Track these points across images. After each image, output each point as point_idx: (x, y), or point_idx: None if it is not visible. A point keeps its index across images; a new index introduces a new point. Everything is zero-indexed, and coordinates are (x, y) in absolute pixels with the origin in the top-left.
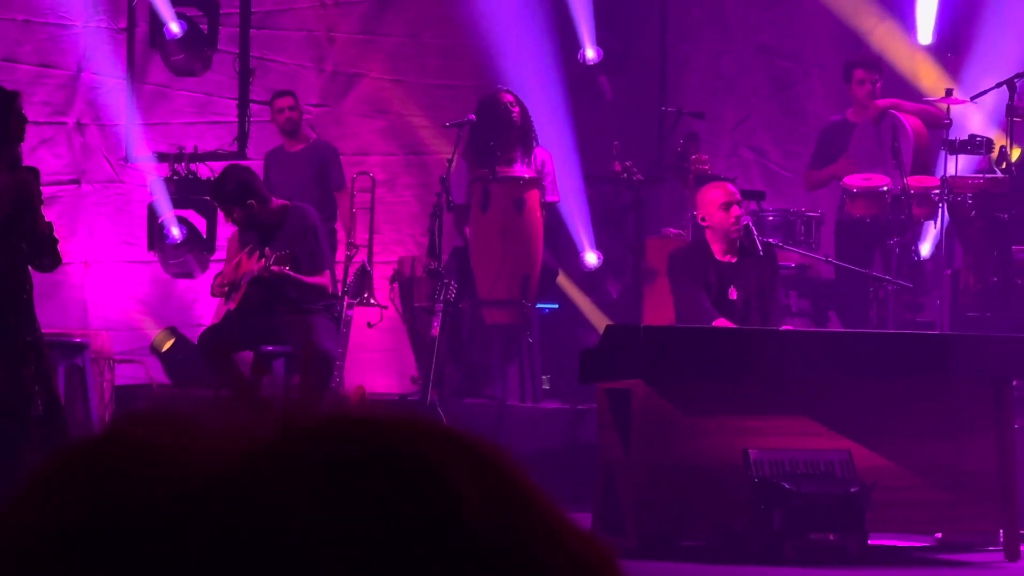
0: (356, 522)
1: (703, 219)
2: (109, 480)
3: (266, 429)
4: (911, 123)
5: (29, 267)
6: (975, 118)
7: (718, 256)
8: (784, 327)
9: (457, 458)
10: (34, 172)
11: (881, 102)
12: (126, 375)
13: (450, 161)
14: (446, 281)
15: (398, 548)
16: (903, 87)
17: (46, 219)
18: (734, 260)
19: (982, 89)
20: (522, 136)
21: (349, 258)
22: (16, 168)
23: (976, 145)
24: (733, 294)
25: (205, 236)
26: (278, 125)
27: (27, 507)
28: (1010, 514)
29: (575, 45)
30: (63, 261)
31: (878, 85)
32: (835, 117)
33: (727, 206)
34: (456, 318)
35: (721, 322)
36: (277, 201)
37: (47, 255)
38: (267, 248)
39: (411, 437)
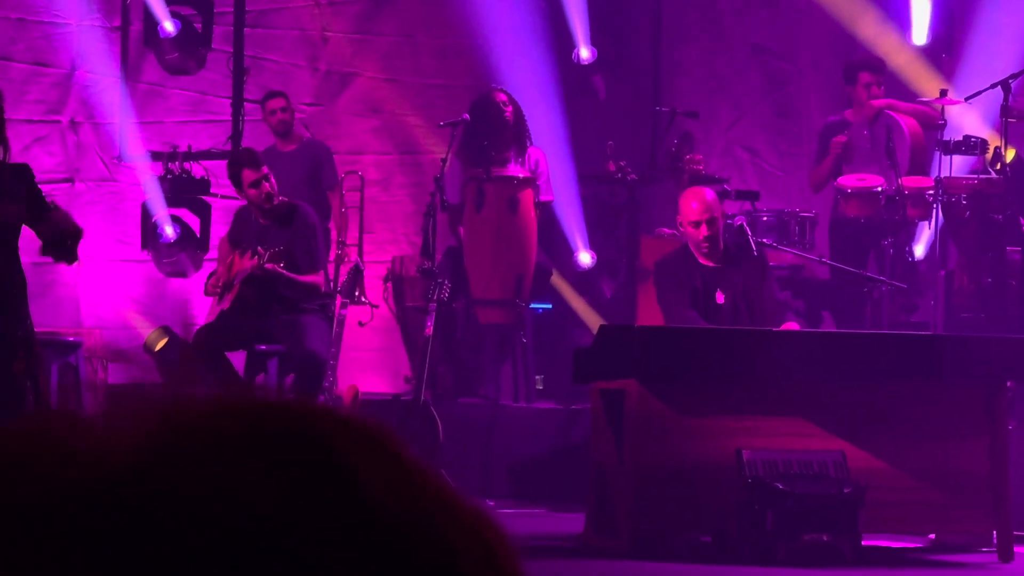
0: (254, 504)
1: (680, 225)
2: (10, 471)
3: (157, 420)
4: (907, 124)
5: (22, 266)
6: (969, 119)
7: (702, 260)
8: (787, 324)
9: (349, 438)
10: (26, 167)
11: (877, 102)
12: (120, 374)
13: (444, 160)
14: (440, 281)
15: (297, 527)
16: (898, 87)
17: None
18: (719, 264)
19: (977, 90)
20: (516, 136)
21: (340, 258)
22: (4, 167)
23: (971, 146)
24: (720, 298)
25: (199, 235)
26: (270, 126)
27: None
28: (1003, 515)
29: (569, 45)
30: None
31: (881, 88)
32: (834, 117)
33: (696, 224)
34: (449, 318)
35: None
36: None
37: (69, 247)
38: (260, 247)
39: (303, 420)
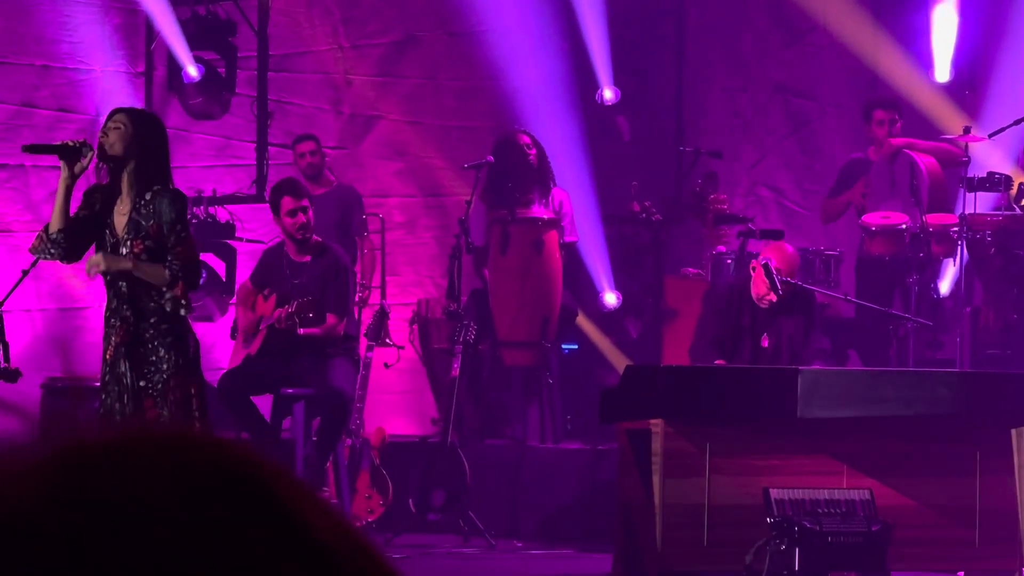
0: (203, 546)
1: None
2: None
3: (57, 460)
4: (925, 162)
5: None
6: (993, 155)
7: (756, 300)
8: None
9: (280, 477)
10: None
11: (895, 141)
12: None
13: (468, 203)
14: (465, 323)
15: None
16: (921, 124)
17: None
18: (771, 309)
19: (1000, 126)
20: (540, 177)
21: (363, 300)
22: None
23: (994, 182)
24: (765, 341)
25: (224, 279)
26: (300, 170)
27: None
28: None
29: (593, 86)
30: (83, 305)
31: (897, 125)
32: (857, 154)
33: (753, 269)
34: (476, 359)
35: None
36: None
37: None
38: (289, 304)
39: (230, 455)
